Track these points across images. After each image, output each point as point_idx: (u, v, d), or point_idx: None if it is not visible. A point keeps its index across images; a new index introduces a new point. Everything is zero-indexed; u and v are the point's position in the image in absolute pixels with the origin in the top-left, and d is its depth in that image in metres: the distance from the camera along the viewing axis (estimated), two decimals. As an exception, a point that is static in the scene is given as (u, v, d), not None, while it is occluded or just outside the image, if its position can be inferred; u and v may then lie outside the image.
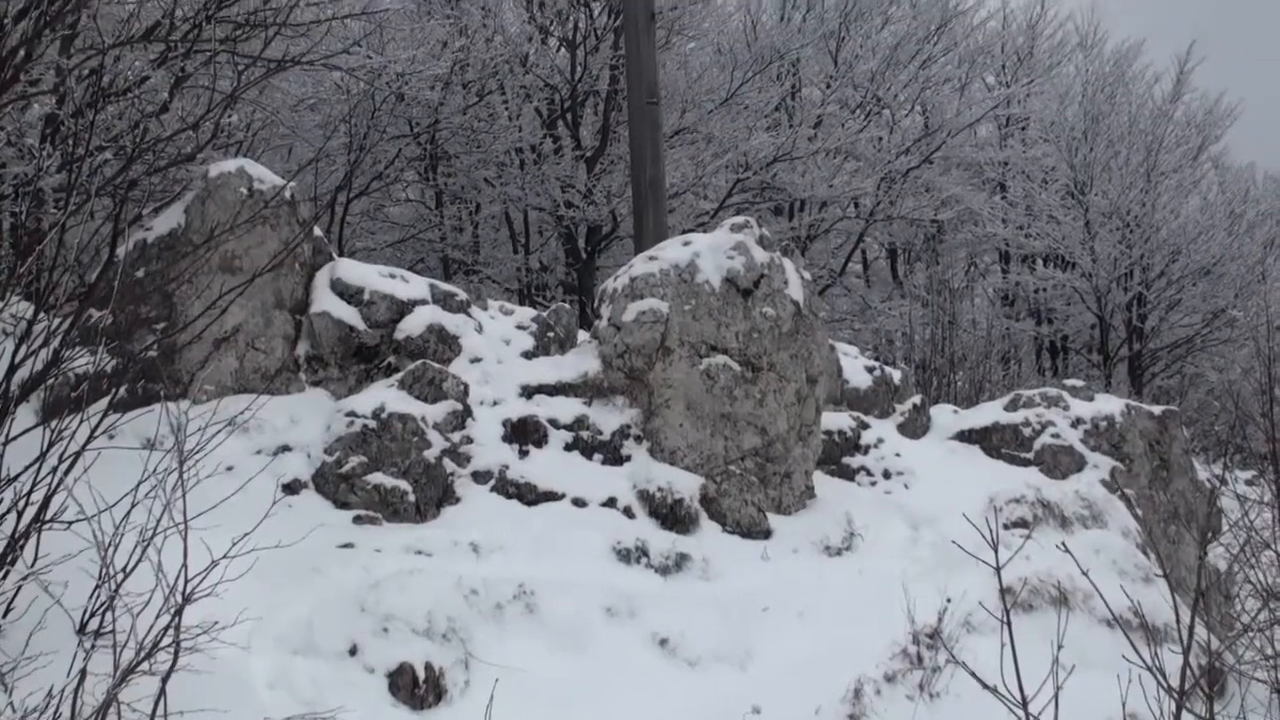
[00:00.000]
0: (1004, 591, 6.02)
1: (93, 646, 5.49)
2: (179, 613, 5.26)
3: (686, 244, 10.73)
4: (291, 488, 8.64)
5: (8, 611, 5.92)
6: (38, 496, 5.87)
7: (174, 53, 10.05)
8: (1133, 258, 25.37)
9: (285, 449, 8.93)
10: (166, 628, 5.29)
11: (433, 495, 9.03)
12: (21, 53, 7.14)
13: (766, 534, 10.01)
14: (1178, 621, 4.93)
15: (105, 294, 7.25)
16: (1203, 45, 29.87)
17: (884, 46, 25.19)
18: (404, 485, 8.86)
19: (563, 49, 20.02)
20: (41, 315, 6.35)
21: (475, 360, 10.27)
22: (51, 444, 5.84)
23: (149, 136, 9.28)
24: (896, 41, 25.23)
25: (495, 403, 9.96)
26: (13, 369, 6.01)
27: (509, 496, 9.31)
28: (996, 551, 4.78)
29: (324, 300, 9.97)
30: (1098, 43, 29.99)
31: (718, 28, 22.89)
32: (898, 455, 11.87)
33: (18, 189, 8.74)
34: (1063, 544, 5.48)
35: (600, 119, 20.15)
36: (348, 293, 10.08)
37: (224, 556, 5.60)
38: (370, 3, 12.69)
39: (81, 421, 5.89)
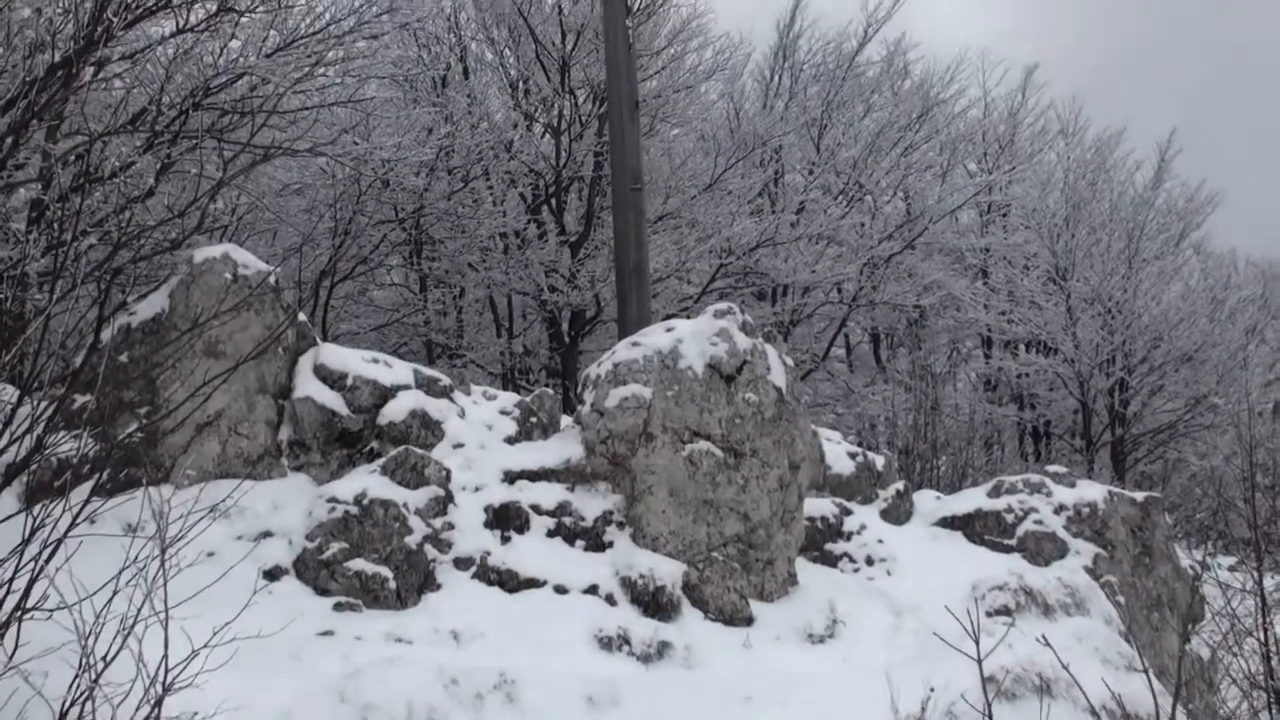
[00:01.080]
0: (986, 681, 6.01)
1: (72, 737, 5.44)
2: (159, 704, 5.23)
3: (670, 330, 10.77)
4: (273, 574, 8.60)
5: (-14, 700, 5.87)
6: (19, 584, 5.83)
7: (160, 139, 10.13)
8: (1115, 343, 25.48)
9: (267, 534, 8.90)
10: (147, 719, 5.25)
11: (414, 582, 8.99)
12: (8, 142, 7.19)
13: (749, 621, 9.97)
14: (1157, 715, 4.93)
15: (89, 379, 7.26)
16: (1183, 134, 30.24)
17: (866, 134, 25.44)
18: (385, 572, 8.82)
19: (547, 135, 20.20)
20: (25, 399, 6.34)
21: (458, 445, 10.26)
22: (34, 531, 5.82)
23: (135, 223, 9.33)
24: (878, 129, 25.49)
25: (478, 488, 9.94)
26: (-5, 456, 6.00)
27: (490, 583, 9.27)
28: (978, 643, 4.78)
29: (307, 385, 9.97)
30: (1079, 131, 30.36)
31: (701, 115, 23.12)
32: (881, 542, 11.85)
33: (2, 273, 8.77)
34: (1043, 636, 5.49)
35: (584, 204, 20.29)
36: (331, 378, 10.09)
37: (204, 646, 5.57)
38: (356, 91, 12.77)
39: (64, 510, 5.87)
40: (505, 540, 9.64)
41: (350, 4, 11.83)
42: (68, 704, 5.95)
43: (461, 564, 9.31)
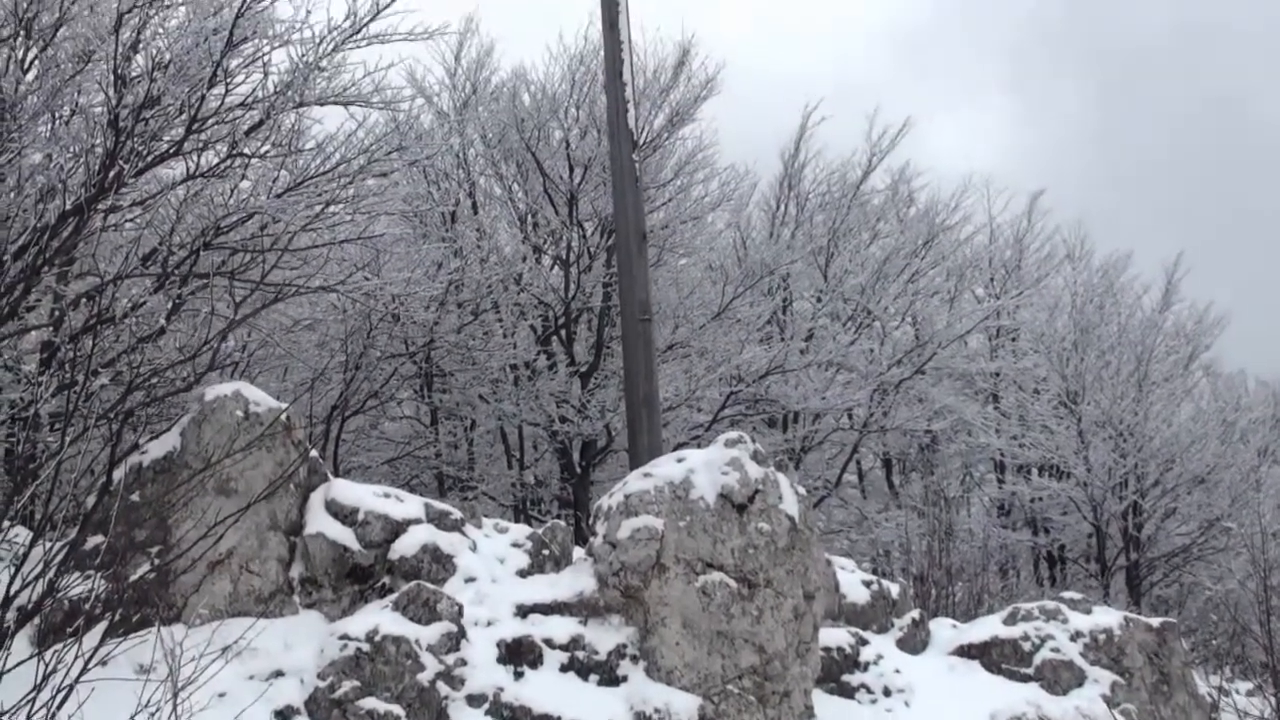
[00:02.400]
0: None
1: None
2: None
3: (681, 460, 10.76)
4: (284, 715, 8.53)
5: None
6: (33, 733, 5.80)
7: (172, 279, 10.22)
8: (1127, 466, 25.35)
9: (279, 674, 8.83)
10: None
11: (426, 720, 8.91)
12: (19, 289, 7.27)
13: (766, 755, 9.84)
14: None
15: (101, 519, 7.26)
16: (1190, 253, 30.35)
17: (873, 261, 25.58)
18: (397, 710, 8.74)
19: (556, 267, 20.38)
20: (38, 541, 6.35)
21: (470, 580, 10.21)
22: (46, 676, 5.78)
23: (146, 362, 9.39)
24: (885, 256, 25.63)
25: (490, 623, 9.87)
26: (8, 600, 5.99)
27: (504, 720, 9.18)
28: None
29: (319, 521, 9.96)
30: (1085, 255, 30.45)
31: (708, 244, 23.32)
32: (897, 672, 11.72)
33: (14, 415, 8.81)
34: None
35: (594, 335, 20.41)
36: (342, 513, 10.07)
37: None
38: (367, 227, 12.91)
39: (76, 656, 5.85)
40: (518, 676, 9.55)
41: (360, 143, 12.01)
42: None
43: (474, 701, 9.22)
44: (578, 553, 11.27)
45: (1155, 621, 13.27)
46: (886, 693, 11.47)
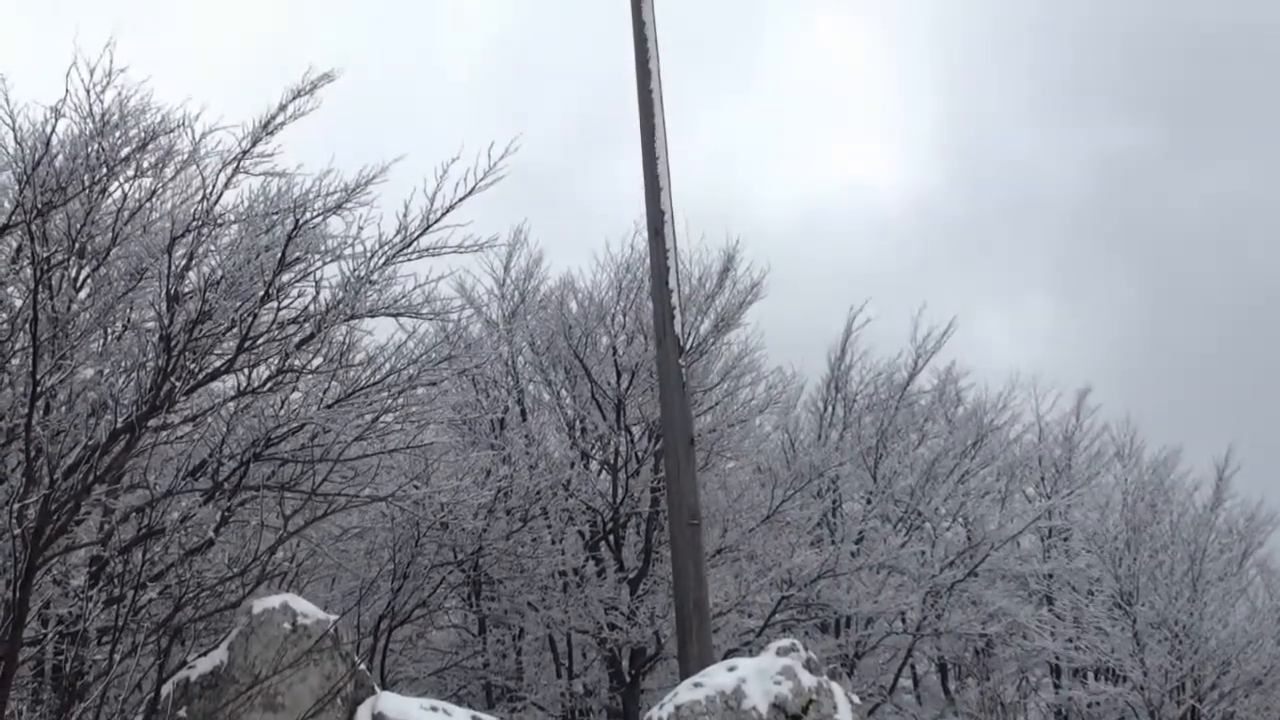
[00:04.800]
0: None
1: None
2: None
3: (732, 669, 10.59)
4: None
5: None
6: None
7: (222, 491, 10.28)
8: (1184, 669, 24.75)
9: None
10: None
11: None
12: (69, 506, 7.32)
13: None
14: None
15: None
16: (1240, 450, 30.11)
17: (922, 462, 25.48)
18: None
19: (604, 473, 20.37)
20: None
21: (519, 796, 10.01)
22: None
23: (195, 575, 9.39)
24: (934, 457, 25.54)
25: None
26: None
27: None
28: None
29: (366, 736, 9.81)
30: (1135, 452, 30.24)
31: (756, 447, 23.30)
32: None
33: (63, 632, 8.79)
34: None
35: (643, 540, 20.30)
36: (389, 728, 9.92)
37: None
38: (416, 436, 12.99)
39: None
40: None
41: (411, 354, 12.16)
42: None
43: None
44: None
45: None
46: None
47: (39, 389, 8.93)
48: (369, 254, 11.38)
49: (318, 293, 11.10)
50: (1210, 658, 24.84)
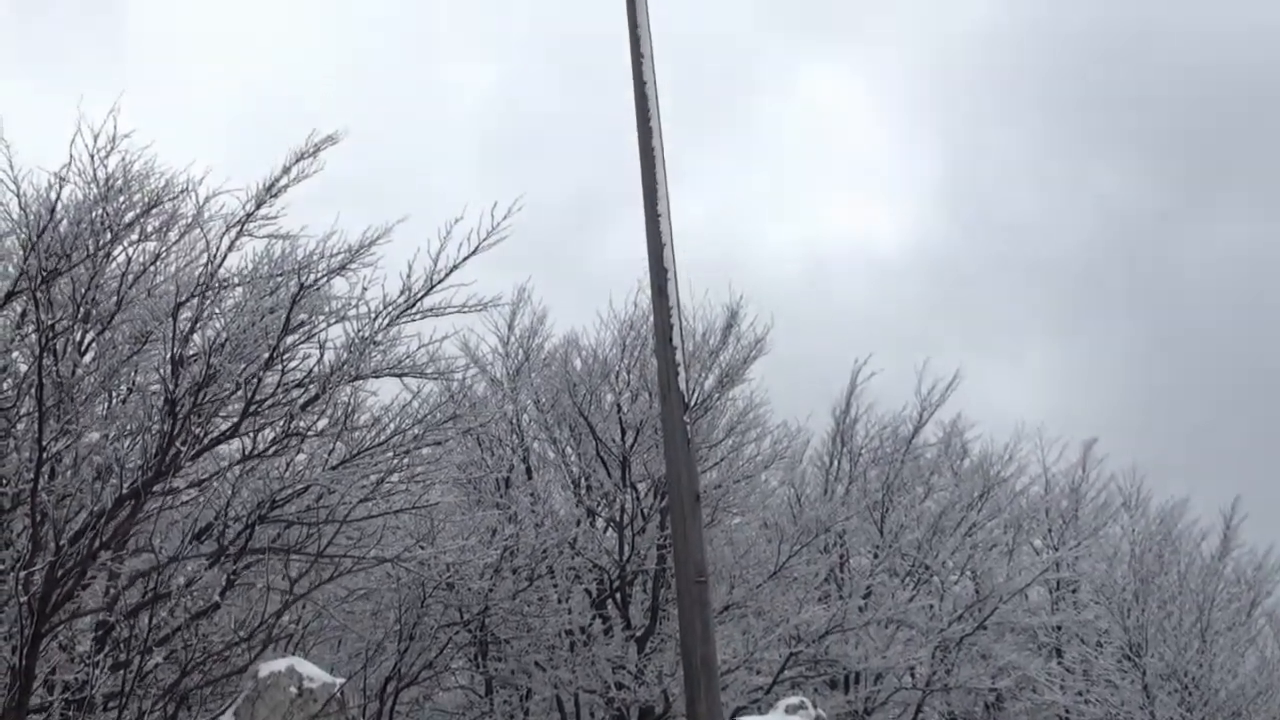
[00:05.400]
0: None
1: None
2: None
3: (741, 728, 10.54)
4: None
5: None
6: None
7: (227, 554, 10.26)
8: (1194, 721, 24.62)
9: None
10: None
11: None
12: (75, 573, 7.31)
13: None
14: None
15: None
16: (1247, 499, 30.05)
17: (929, 515, 25.42)
18: None
19: (610, 530, 20.31)
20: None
21: None
22: None
23: (201, 641, 9.36)
24: (941, 510, 25.48)
25: None
26: None
27: None
28: None
29: (373, 801, 9.75)
30: (1142, 502, 30.12)
31: (762, 502, 23.21)
32: None
33: (69, 699, 8.75)
34: None
35: (649, 597, 20.21)
36: (397, 792, 9.86)
37: None
38: (422, 496, 12.96)
39: None
40: None
41: (415, 413, 12.15)
42: None
43: None
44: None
45: None
46: None
47: (45, 455, 8.92)
48: (373, 315, 11.41)
49: (322, 354, 11.12)
50: (1220, 709, 24.71)
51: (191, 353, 10.54)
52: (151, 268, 11.32)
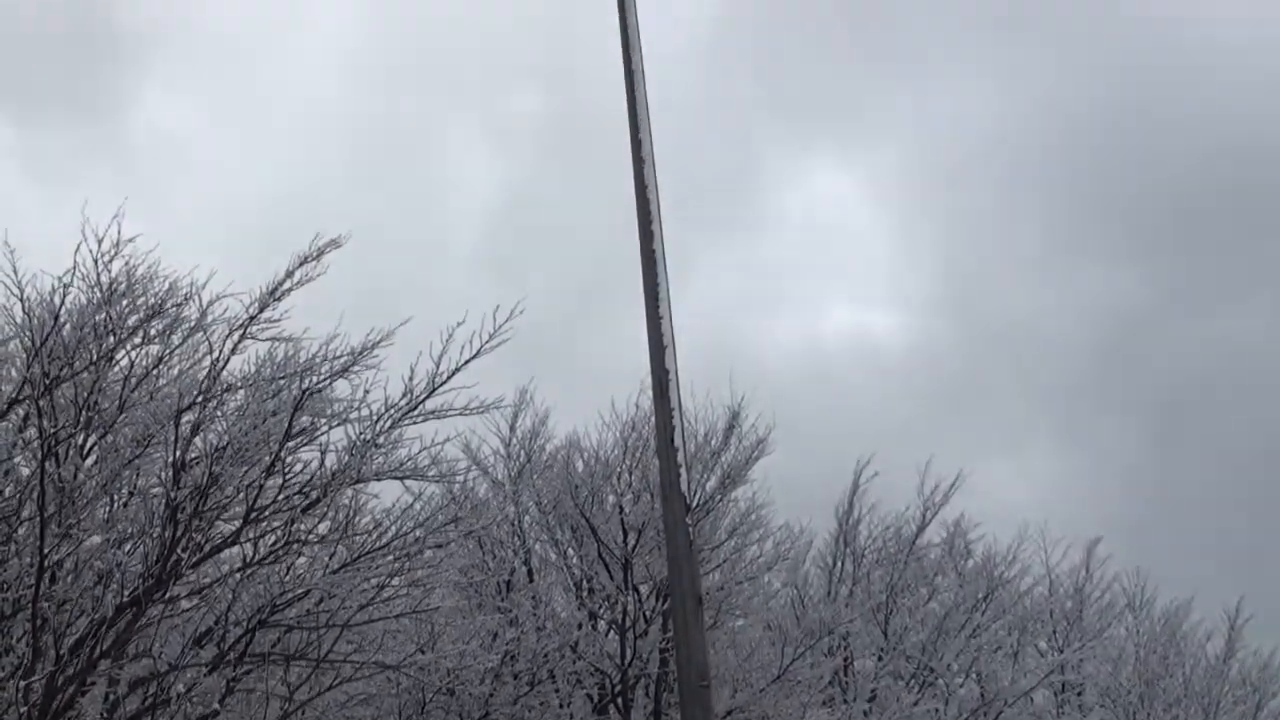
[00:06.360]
0: None
1: None
2: None
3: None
4: None
5: None
6: None
7: (227, 659, 10.18)
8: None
9: None
10: None
11: None
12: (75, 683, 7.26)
13: None
14: None
15: None
16: (1251, 600, 29.96)
17: (933, 617, 25.23)
18: None
19: (612, 633, 20.15)
20: None
21: None
22: None
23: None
24: (945, 612, 25.29)
25: None
26: None
27: None
28: None
29: None
30: (1146, 603, 29.98)
31: (765, 604, 23.06)
32: None
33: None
34: None
35: (652, 702, 20.01)
36: None
37: None
38: (422, 600, 12.88)
39: None
40: None
41: (417, 516, 12.11)
42: None
43: None
44: None
45: None
46: None
47: (46, 561, 8.88)
48: (375, 418, 11.41)
49: (323, 457, 11.11)
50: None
51: (193, 456, 10.52)
52: (154, 371, 11.33)
